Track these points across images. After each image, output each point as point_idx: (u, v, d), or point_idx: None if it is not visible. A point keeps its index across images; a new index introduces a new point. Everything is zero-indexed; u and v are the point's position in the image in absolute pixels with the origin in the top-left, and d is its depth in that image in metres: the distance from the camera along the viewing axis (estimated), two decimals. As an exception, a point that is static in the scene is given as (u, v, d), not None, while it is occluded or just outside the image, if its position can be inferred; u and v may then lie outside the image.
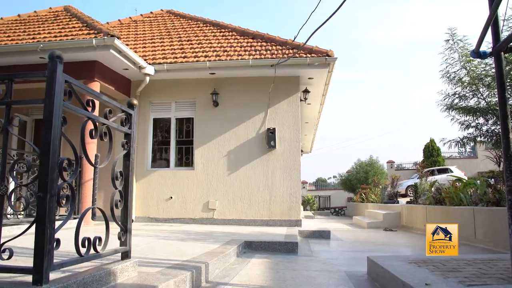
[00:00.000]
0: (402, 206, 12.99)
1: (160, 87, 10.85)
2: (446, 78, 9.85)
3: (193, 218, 10.22)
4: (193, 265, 3.80)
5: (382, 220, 12.73)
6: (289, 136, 10.23)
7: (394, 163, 33.92)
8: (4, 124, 2.42)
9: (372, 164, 26.69)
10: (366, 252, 6.42)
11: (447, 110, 10.01)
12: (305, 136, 19.51)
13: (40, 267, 2.16)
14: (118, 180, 3.02)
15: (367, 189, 20.56)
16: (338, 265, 5.22)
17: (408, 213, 11.88)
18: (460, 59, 9.47)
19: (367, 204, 18.52)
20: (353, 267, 5.06)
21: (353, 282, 4.10)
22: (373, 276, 4.21)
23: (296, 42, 10.23)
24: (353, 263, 5.47)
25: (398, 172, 28.47)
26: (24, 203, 6.80)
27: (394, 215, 12.76)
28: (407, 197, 17.96)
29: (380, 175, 24.55)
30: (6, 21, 11.95)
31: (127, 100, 3.28)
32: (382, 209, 14.64)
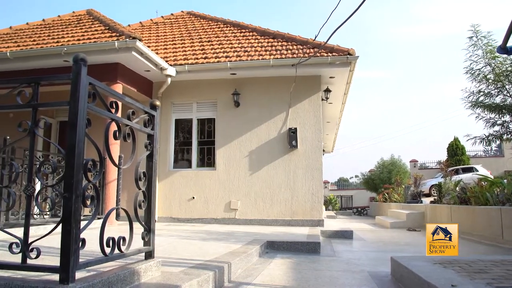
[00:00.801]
0: (426, 205, 12.80)
1: (181, 88, 10.93)
2: (470, 75, 9.68)
3: (215, 218, 10.27)
4: (215, 265, 3.81)
5: (406, 220, 12.57)
6: (310, 136, 10.19)
7: (417, 162, 33.44)
8: (31, 127, 2.47)
9: (394, 163, 26.38)
10: (389, 252, 6.34)
11: (472, 107, 9.84)
12: (327, 135, 19.40)
13: (66, 266, 2.20)
14: (141, 181, 3.05)
15: (390, 188, 20.32)
16: (361, 265, 5.18)
17: (432, 213, 11.70)
18: (484, 55, 9.30)
19: (390, 204, 18.30)
20: (376, 268, 5.01)
21: (377, 282, 4.06)
22: (397, 276, 4.16)
23: (317, 41, 10.19)
24: (376, 264, 5.41)
25: (421, 171, 28.08)
26: (49, 203, 6.93)
27: (418, 215, 12.59)
28: (430, 197, 17.70)
29: (403, 175, 24.26)
30: (31, 26, 12.21)
31: (150, 101, 3.31)
32: (405, 208, 14.45)
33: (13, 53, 9.29)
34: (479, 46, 9.30)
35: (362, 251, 7.06)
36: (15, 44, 10.18)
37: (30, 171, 2.54)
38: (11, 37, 11.24)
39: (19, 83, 2.57)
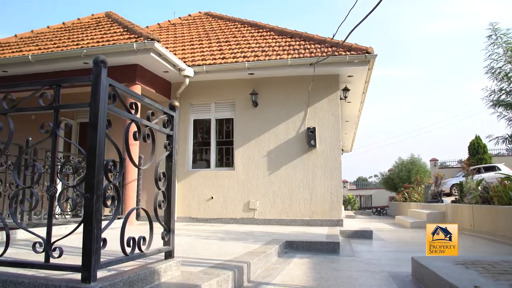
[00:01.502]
0: (447, 205, 12.63)
1: (199, 88, 10.98)
2: (490, 74, 9.50)
3: (233, 218, 10.29)
4: (235, 265, 3.82)
5: (426, 219, 12.41)
6: (329, 135, 10.14)
7: (438, 161, 32.97)
8: (53, 128, 2.51)
9: (414, 163, 26.07)
10: (409, 252, 6.26)
11: (493, 106, 9.65)
12: (345, 134, 19.29)
13: (88, 265, 2.22)
14: (161, 181, 3.07)
15: (410, 188, 20.09)
16: (381, 266, 5.13)
17: (453, 213, 11.54)
18: (505, 53, 9.11)
19: (409, 204, 18.10)
20: (396, 268, 4.96)
21: (397, 283, 4.01)
22: (417, 277, 4.11)
23: (335, 39, 10.14)
24: (396, 264, 5.36)
25: (442, 170, 27.65)
26: (71, 204, 7.03)
27: (439, 215, 12.42)
28: (451, 196, 17.44)
29: (423, 174, 23.96)
30: (52, 29, 12.42)
31: (169, 102, 3.34)
32: (426, 208, 14.27)
33: (35, 56, 9.45)
34: (499, 44, 9.11)
35: (382, 251, 7.00)
36: (37, 48, 10.36)
37: (53, 172, 2.58)
38: (33, 40, 11.44)
39: (41, 86, 2.62)
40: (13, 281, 2.38)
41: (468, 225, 9.82)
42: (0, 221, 3.06)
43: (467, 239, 8.47)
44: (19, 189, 3.91)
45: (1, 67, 9.86)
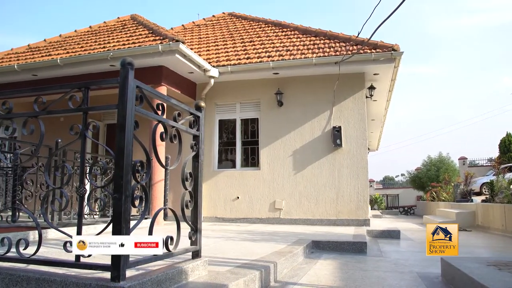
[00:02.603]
0: (477, 204, 12.35)
1: (224, 89, 11.02)
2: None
3: (259, 218, 10.30)
4: (261, 265, 3.82)
5: (455, 219, 12.17)
6: (355, 134, 10.05)
7: (467, 160, 32.26)
8: (82, 130, 2.56)
9: (442, 161, 25.57)
10: (439, 252, 6.16)
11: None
12: (372, 133, 19.09)
13: (117, 264, 2.26)
14: (188, 181, 3.09)
15: (438, 187, 19.72)
16: (410, 266, 5.05)
17: (484, 212, 11.29)
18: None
19: (438, 203, 17.78)
20: (425, 269, 4.87)
21: (427, 284, 3.95)
22: (448, 278, 4.03)
23: (360, 37, 10.02)
24: (425, 264, 5.26)
25: (471, 169, 27.04)
26: (99, 203, 7.15)
27: (468, 214, 12.17)
28: (482, 195, 17.05)
29: (452, 173, 23.47)
30: (79, 33, 12.66)
31: (195, 102, 3.36)
32: (455, 208, 14.00)
33: (63, 59, 9.65)
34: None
35: (410, 251, 6.89)
36: (65, 51, 10.57)
37: (82, 172, 2.63)
38: (61, 44, 11.69)
39: (70, 88, 2.67)
40: (46, 279, 2.44)
41: (499, 225, 9.60)
42: (32, 221, 3.13)
43: (498, 239, 8.28)
44: (49, 189, 4.00)
45: (31, 71, 10.10)
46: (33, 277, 2.50)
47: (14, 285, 2.55)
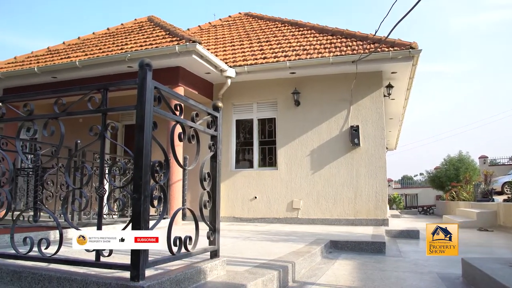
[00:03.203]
0: (499, 204, 12.14)
1: (241, 89, 11.03)
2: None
3: (277, 218, 10.29)
4: (279, 265, 3.81)
5: (476, 219, 12.00)
6: (373, 133, 9.97)
7: (487, 159, 31.75)
8: (101, 131, 2.58)
9: (462, 160, 25.18)
10: (459, 253, 6.06)
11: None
12: (390, 132, 18.91)
13: (137, 264, 2.28)
14: (206, 181, 3.10)
15: (458, 186, 19.44)
16: (429, 266, 4.99)
17: (506, 212, 11.10)
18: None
19: (458, 203, 17.53)
20: (445, 269, 4.80)
21: (447, 285, 3.90)
22: (469, 279, 3.97)
23: (377, 36, 9.96)
24: (445, 265, 5.19)
25: (492, 168, 26.63)
26: (118, 204, 7.22)
27: (489, 214, 11.98)
28: (503, 195, 16.77)
29: (472, 172, 23.11)
30: (97, 35, 12.80)
31: (213, 102, 3.37)
32: (475, 207, 13.78)
33: (82, 61, 9.77)
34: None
35: (430, 252, 6.80)
36: (83, 53, 10.70)
37: (102, 173, 2.66)
38: (79, 46, 11.83)
39: (89, 90, 2.70)
40: (67, 278, 2.48)
41: (522, 224, 9.42)
42: (53, 221, 3.17)
43: (520, 239, 8.13)
44: (70, 190, 4.05)
45: (51, 73, 10.25)
46: (54, 276, 2.54)
47: (37, 283, 2.60)
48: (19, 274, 2.69)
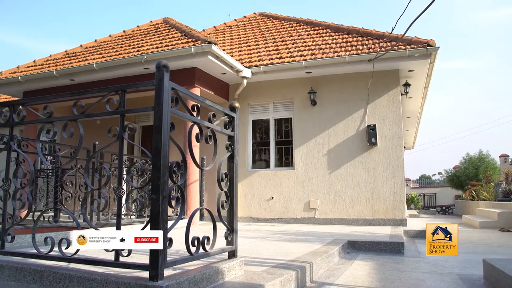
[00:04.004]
0: (520, 204, 11.93)
1: (257, 89, 11.04)
2: None
3: (294, 218, 10.27)
4: (297, 265, 3.80)
5: (497, 219, 11.80)
6: (390, 132, 9.88)
7: (508, 157, 31.19)
8: (119, 132, 2.60)
9: (482, 159, 24.79)
10: (480, 254, 5.98)
11: None
12: (407, 131, 18.74)
13: (156, 264, 2.29)
14: (223, 182, 3.11)
15: (478, 186, 19.16)
16: (449, 267, 4.92)
17: (528, 212, 10.89)
18: None
19: (478, 202, 17.27)
20: (466, 270, 4.73)
21: (468, 286, 3.83)
22: (491, 280, 3.90)
23: (394, 34, 9.86)
24: (466, 266, 5.11)
25: (513, 166, 26.17)
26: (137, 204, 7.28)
27: (511, 214, 11.77)
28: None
29: (492, 171, 22.76)
30: (114, 38, 12.93)
31: (230, 103, 3.38)
32: (496, 207, 13.56)
33: (99, 64, 9.89)
34: None
35: (450, 252, 6.71)
36: (100, 56, 10.82)
37: (120, 174, 2.68)
38: (97, 49, 11.96)
39: (107, 92, 2.72)
40: (87, 277, 2.51)
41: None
42: (72, 221, 3.21)
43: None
44: (89, 191, 4.09)
45: (69, 76, 10.40)
46: (74, 276, 2.58)
47: (57, 282, 2.64)
48: (41, 273, 2.74)
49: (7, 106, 3.32)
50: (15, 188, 3.26)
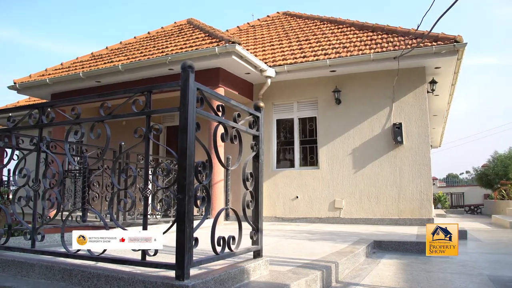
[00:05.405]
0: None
1: (281, 88, 11.02)
2: None
3: (319, 218, 10.21)
4: (323, 265, 3.78)
5: (528, 218, 11.51)
6: (416, 131, 9.73)
7: (540, 155, 30.36)
8: (145, 133, 2.63)
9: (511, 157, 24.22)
10: (511, 255, 5.84)
11: None
12: (434, 129, 18.42)
13: (182, 263, 2.31)
14: (248, 181, 3.11)
15: (508, 184, 18.72)
16: (479, 268, 4.81)
17: (560, 211, 10.58)
18: None
19: (508, 202, 16.87)
20: (497, 271, 4.61)
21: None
22: (523, 282, 3.80)
23: (419, 30, 9.67)
24: (496, 267, 5.00)
25: (544, 165, 25.44)
26: (163, 204, 7.35)
27: (543, 213, 11.46)
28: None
29: (523, 169, 22.20)
30: (138, 39, 13.08)
31: (254, 102, 3.38)
32: (527, 206, 13.24)
33: (124, 65, 10.02)
34: None
35: (479, 253, 6.57)
36: (125, 57, 10.96)
37: (147, 174, 2.71)
38: (122, 51, 12.12)
39: (134, 93, 2.75)
40: (115, 276, 2.55)
41: None
42: (99, 220, 3.26)
43: None
44: (116, 191, 4.15)
45: (95, 77, 10.58)
46: (102, 274, 2.62)
47: (86, 281, 2.69)
48: (70, 272, 2.79)
49: (37, 108, 3.40)
50: (44, 188, 3.33)
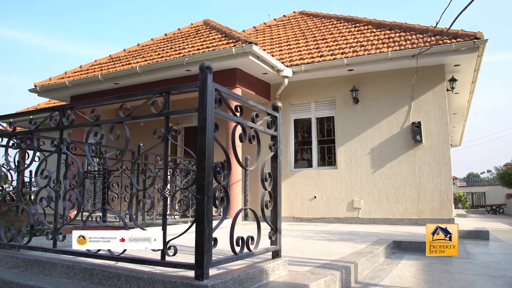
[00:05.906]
0: None
1: (298, 88, 10.99)
2: None
3: (337, 218, 10.16)
4: (342, 265, 3.76)
5: (552, 218, 11.27)
6: (436, 130, 9.61)
7: None
8: (164, 134, 2.65)
9: (534, 156, 23.77)
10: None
11: None
12: (453, 128, 18.16)
13: (201, 263, 2.32)
14: (267, 181, 3.11)
15: (532, 184, 18.38)
16: (502, 270, 4.72)
17: None
18: None
19: (531, 201, 16.57)
20: (521, 273, 4.53)
21: (523, 289, 3.67)
22: (547, 283, 3.72)
23: (438, 28, 9.56)
24: (520, 268, 4.90)
25: None
26: (182, 205, 7.39)
27: None
28: None
29: (546, 168, 21.78)
30: (155, 41, 13.19)
31: (272, 102, 3.38)
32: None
33: (142, 67, 10.12)
34: None
35: (502, 254, 6.45)
36: (143, 59, 11.05)
37: (166, 175, 2.73)
38: (139, 53, 12.23)
39: (152, 94, 2.78)
40: (134, 276, 2.57)
41: None
42: (118, 221, 3.29)
43: None
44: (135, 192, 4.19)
45: (113, 79, 10.70)
46: (122, 274, 2.64)
47: (106, 280, 2.72)
48: (91, 271, 2.82)
49: (57, 110, 3.45)
50: (65, 189, 3.37)
